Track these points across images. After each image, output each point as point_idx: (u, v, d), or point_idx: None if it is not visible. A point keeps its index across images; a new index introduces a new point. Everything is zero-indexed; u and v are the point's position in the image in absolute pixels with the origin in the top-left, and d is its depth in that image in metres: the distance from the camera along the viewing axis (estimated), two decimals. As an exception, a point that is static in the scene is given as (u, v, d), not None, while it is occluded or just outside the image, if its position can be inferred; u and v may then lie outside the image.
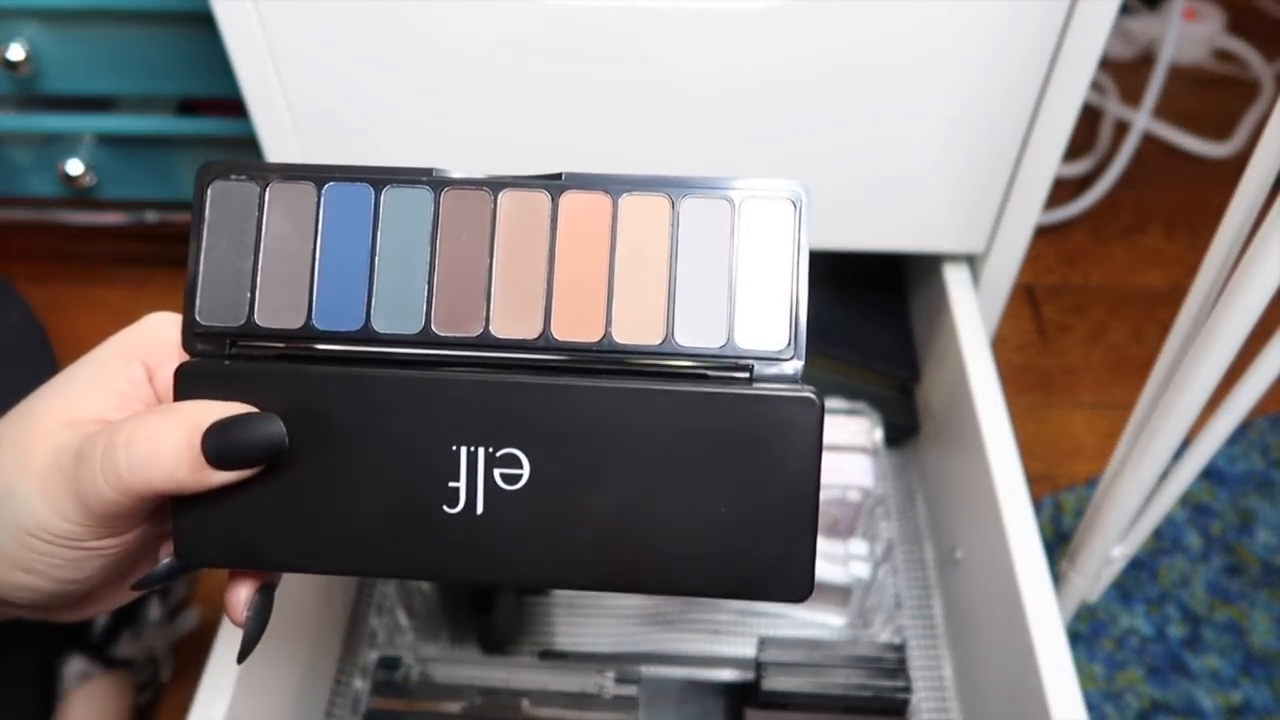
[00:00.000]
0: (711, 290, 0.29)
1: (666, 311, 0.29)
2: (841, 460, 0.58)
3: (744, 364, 0.29)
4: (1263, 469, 0.81)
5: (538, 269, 0.29)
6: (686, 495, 0.28)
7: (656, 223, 0.29)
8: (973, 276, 0.63)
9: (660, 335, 0.29)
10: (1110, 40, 0.50)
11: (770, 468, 0.28)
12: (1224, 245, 0.43)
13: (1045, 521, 0.78)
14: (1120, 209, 1.03)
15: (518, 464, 0.28)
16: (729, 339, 0.29)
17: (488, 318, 0.29)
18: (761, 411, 0.28)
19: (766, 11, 0.49)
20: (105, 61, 0.74)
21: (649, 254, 0.29)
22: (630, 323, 0.29)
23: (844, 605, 0.60)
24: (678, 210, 0.29)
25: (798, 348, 0.29)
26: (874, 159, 0.55)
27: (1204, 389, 0.45)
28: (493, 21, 0.50)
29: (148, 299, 0.96)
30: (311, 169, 0.29)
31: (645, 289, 0.29)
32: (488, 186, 0.29)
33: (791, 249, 0.29)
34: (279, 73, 0.53)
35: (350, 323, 0.29)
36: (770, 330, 0.29)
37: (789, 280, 0.29)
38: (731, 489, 0.28)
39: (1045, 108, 0.52)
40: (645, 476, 0.28)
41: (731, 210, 0.29)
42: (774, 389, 0.28)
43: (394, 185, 0.29)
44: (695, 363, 0.29)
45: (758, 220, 0.29)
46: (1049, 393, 0.88)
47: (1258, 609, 0.73)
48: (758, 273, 0.29)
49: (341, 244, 0.29)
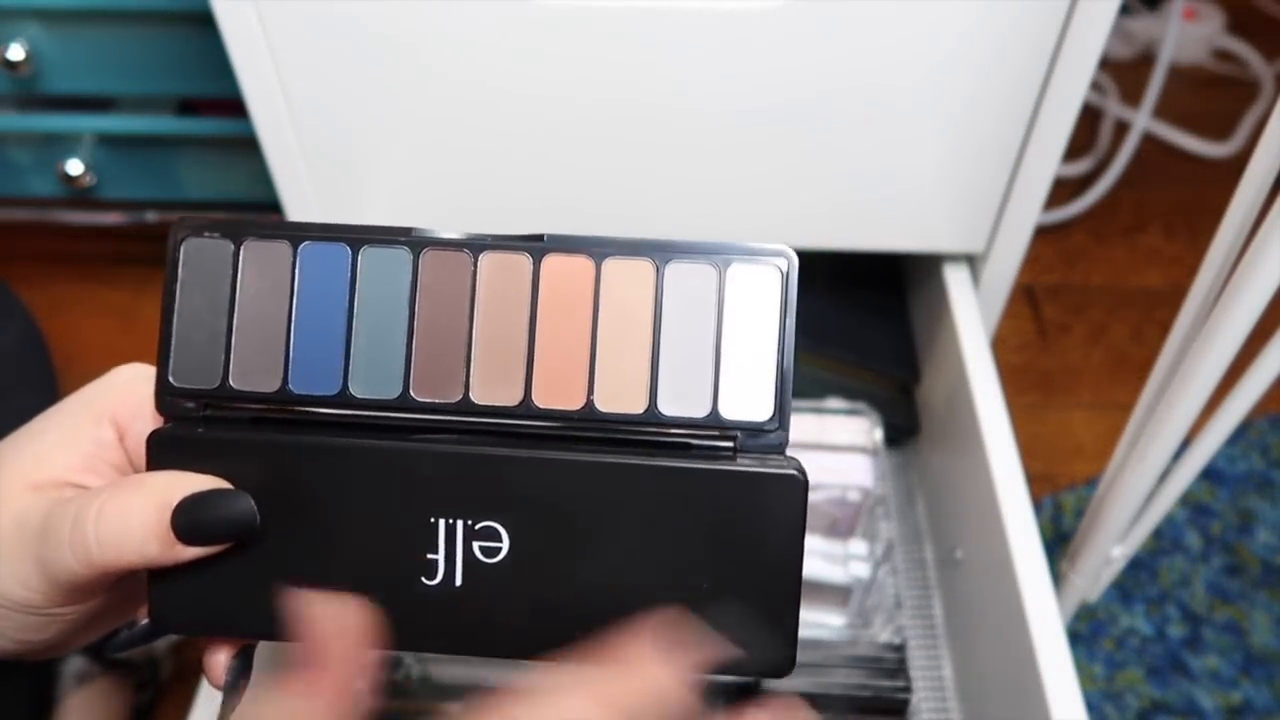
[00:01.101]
0: (696, 358, 0.28)
1: (650, 380, 0.28)
2: (841, 460, 0.58)
3: (728, 435, 0.28)
4: (1263, 469, 0.81)
5: (519, 334, 0.28)
6: (668, 570, 0.28)
7: (640, 288, 0.28)
8: (973, 276, 0.63)
9: (643, 404, 0.28)
10: (1110, 40, 0.50)
11: (753, 544, 0.28)
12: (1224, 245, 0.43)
13: (1045, 521, 0.78)
14: (1120, 209, 1.03)
15: (497, 537, 0.28)
16: (713, 409, 0.28)
17: (467, 383, 0.28)
18: (745, 487, 0.27)
19: (766, 12, 0.49)
20: (105, 61, 0.74)
21: (632, 320, 0.28)
22: (613, 391, 0.28)
23: (844, 605, 0.60)
24: (662, 275, 0.28)
25: (783, 419, 0.28)
26: (874, 159, 0.55)
27: (1204, 389, 0.45)
28: (492, 22, 0.50)
29: (148, 299, 0.96)
30: (287, 227, 0.29)
31: (628, 356, 0.28)
32: (468, 248, 0.28)
33: (778, 317, 0.28)
34: (279, 73, 0.53)
35: (327, 386, 0.28)
36: (755, 400, 0.28)
37: (775, 349, 0.28)
38: (714, 564, 0.28)
39: (1045, 108, 0.52)
40: (626, 550, 0.28)
41: (718, 276, 0.28)
42: (758, 464, 0.28)
43: (372, 245, 0.28)
44: (678, 433, 0.28)
45: (744, 287, 0.28)
46: (1049, 393, 0.88)
47: (1258, 609, 0.73)
48: (743, 341, 0.28)
49: (318, 305, 0.28)
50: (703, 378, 0.28)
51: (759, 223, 0.59)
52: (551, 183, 0.58)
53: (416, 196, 0.59)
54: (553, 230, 0.29)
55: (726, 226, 0.59)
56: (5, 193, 0.86)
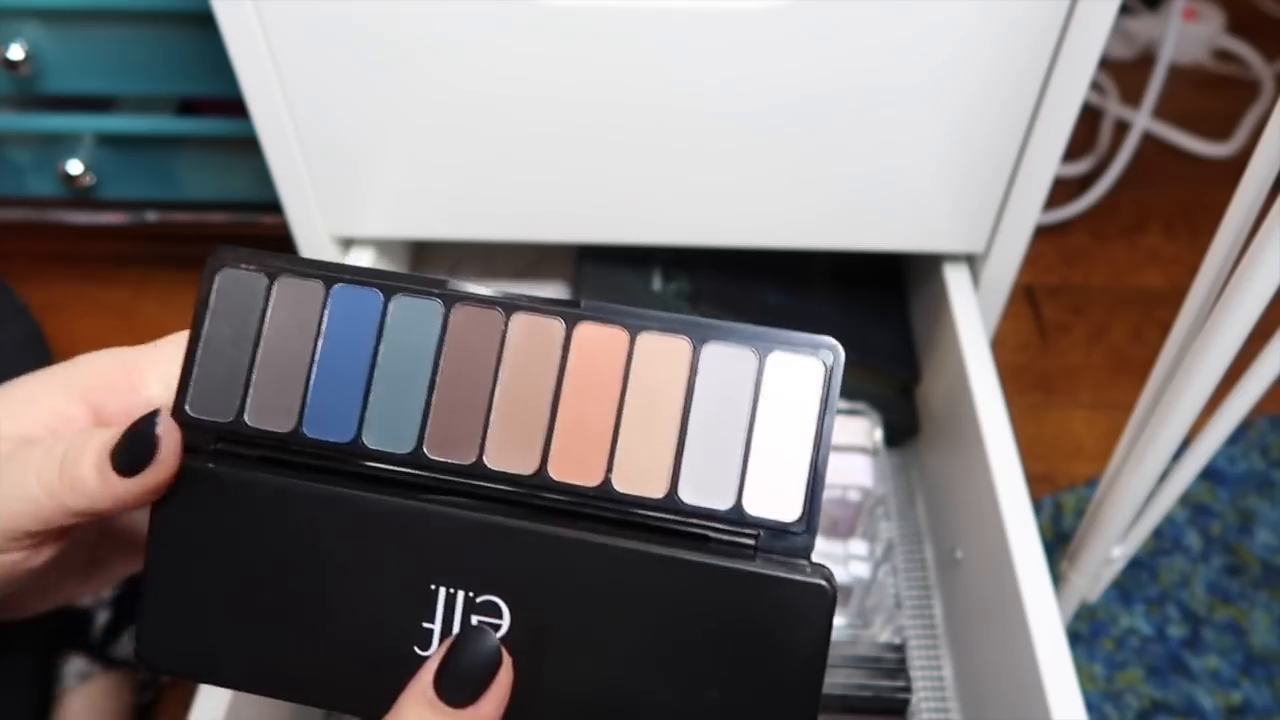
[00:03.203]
0: (725, 447, 0.26)
1: (673, 464, 0.27)
2: (841, 460, 0.58)
3: (749, 533, 0.26)
4: (1263, 469, 0.81)
5: (542, 401, 0.27)
6: (675, 672, 0.26)
7: (674, 366, 0.27)
8: (973, 276, 0.63)
9: (663, 489, 0.27)
10: (1110, 40, 0.50)
11: (769, 654, 0.26)
12: (1224, 245, 0.43)
13: (1045, 521, 0.78)
14: (1120, 209, 1.03)
15: (498, 613, 0.27)
16: (737, 503, 0.26)
17: (483, 446, 0.27)
18: (763, 591, 0.26)
19: (766, 13, 0.49)
20: (105, 61, 0.74)
21: (662, 399, 0.27)
22: (633, 471, 0.27)
23: (844, 605, 0.60)
24: (698, 356, 0.27)
25: (811, 522, 0.26)
26: (874, 159, 0.55)
27: (1204, 389, 0.45)
28: (493, 22, 0.50)
29: (147, 299, 0.96)
30: (323, 266, 0.28)
31: (653, 436, 0.27)
32: (501, 306, 0.27)
33: (816, 413, 0.26)
34: (279, 73, 0.53)
35: (341, 433, 0.28)
36: (783, 499, 0.26)
37: (810, 447, 0.26)
38: (725, 672, 0.26)
39: (1045, 108, 0.52)
40: (632, 644, 0.26)
41: (757, 362, 0.27)
42: (782, 570, 0.26)
43: (405, 293, 0.28)
44: (697, 523, 0.27)
45: (783, 377, 0.27)
46: (1049, 393, 0.88)
47: (1258, 609, 0.73)
48: (777, 434, 0.26)
49: (342, 349, 0.28)
50: (730, 469, 0.26)
51: (759, 223, 0.59)
52: (551, 183, 0.58)
53: (417, 196, 0.59)
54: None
55: (727, 227, 0.59)
56: (5, 193, 0.86)
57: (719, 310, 0.64)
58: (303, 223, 0.61)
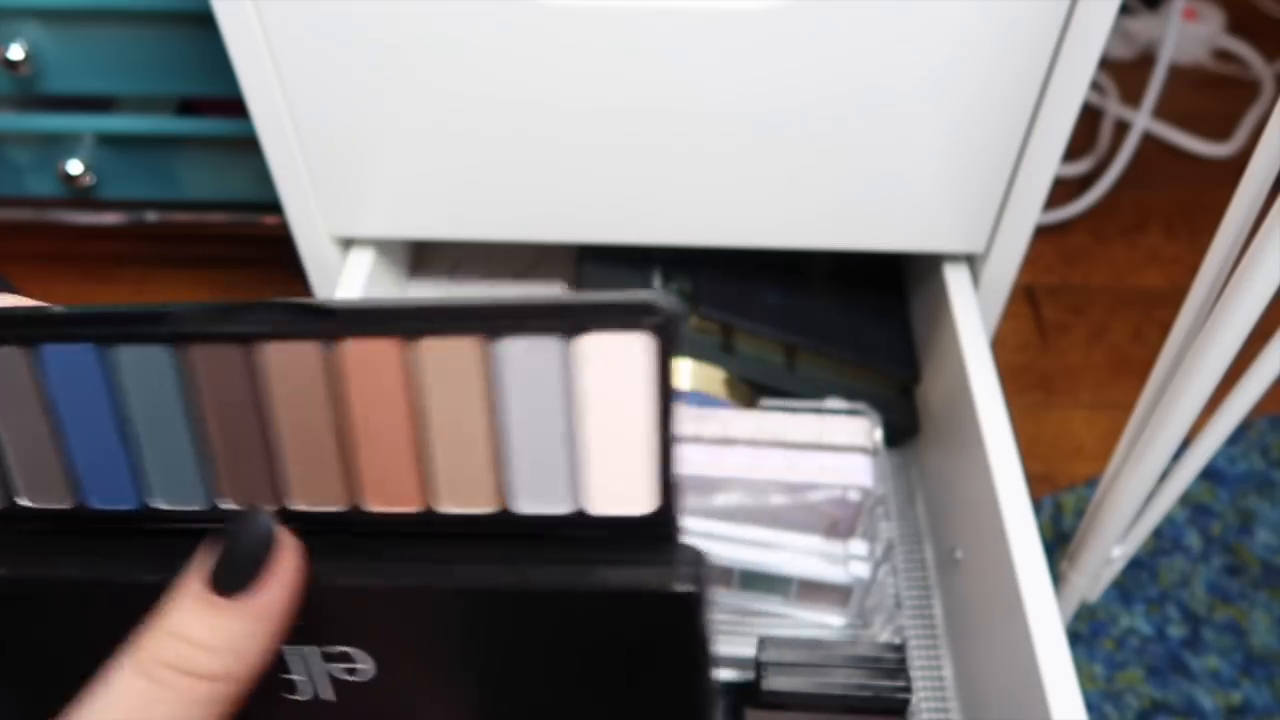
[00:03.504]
0: (550, 447, 0.23)
1: (496, 477, 0.23)
2: (841, 460, 0.58)
3: (598, 535, 0.23)
4: (1263, 469, 0.81)
5: (325, 432, 0.23)
6: (552, 698, 0.24)
7: (467, 371, 0.22)
8: (973, 276, 0.63)
9: (494, 504, 0.23)
10: (1110, 40, 0.50)
11: (646, 668, 0.23)
12: (1224, 245, 0.43)
13: (1045, 521, 0.78)
14: (1120, 209, 1.03)
15: (355, 659, 0.24)
16: (578, 506, 0.23)
17: (284, 490, 0.24)
18: (619, 603, 0.22)
19: (765, 13, 0.49)
20: (105, 61, 0.74)
21: (463, 408, 0.23)
22: (457, 491, 0.23)
23: (844, 605, 0.60)
24: (493, 354, 0.22)
25: (669, 508, 0.23)
26: (874, 159, 0.55)
27: (1204, 389, 0.45)
28: (493, 23, 0.50)
29: (148, 299, 0.96)
30: (19, 323, 0.23)
31: (467, 450, 0.23)
32: (237, 339, 0.22)
33: (650, 387, 0.22)
34: (279, 73, 0.53)
35: (125, 501, 0.24)
36: (632, 492, 0.23)
37: (652, 428, 0.22)
38: (607, 692, 0.23)
39: (1045, 108, 0.52)
40: (500, 675, 0.24)
41: (565, 350, 0.22)
42: (635, 572, 0.22)
43: (123, 342, 0.23)
44: (542, 535, 0.23)
45: (602, 359, 0.22)
46: (1049, 393, 0.88)
47: (1258, 609, 0.73)
48: (608, 422, 0.22)
49: (81, 414, 0.23)
50: (562, 470, 0.23)
51: (759, 223, 0.59)
52: (551, 183, 0.58)
53: (417, 196, 0.59)
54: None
55: (727, 227, 0.59)
56: (5, 193, 0.86)
57: (719, 310, 0.64)
58: (303, 223, 0.61)
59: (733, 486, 0.59)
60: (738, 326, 0.65)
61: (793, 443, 0.59)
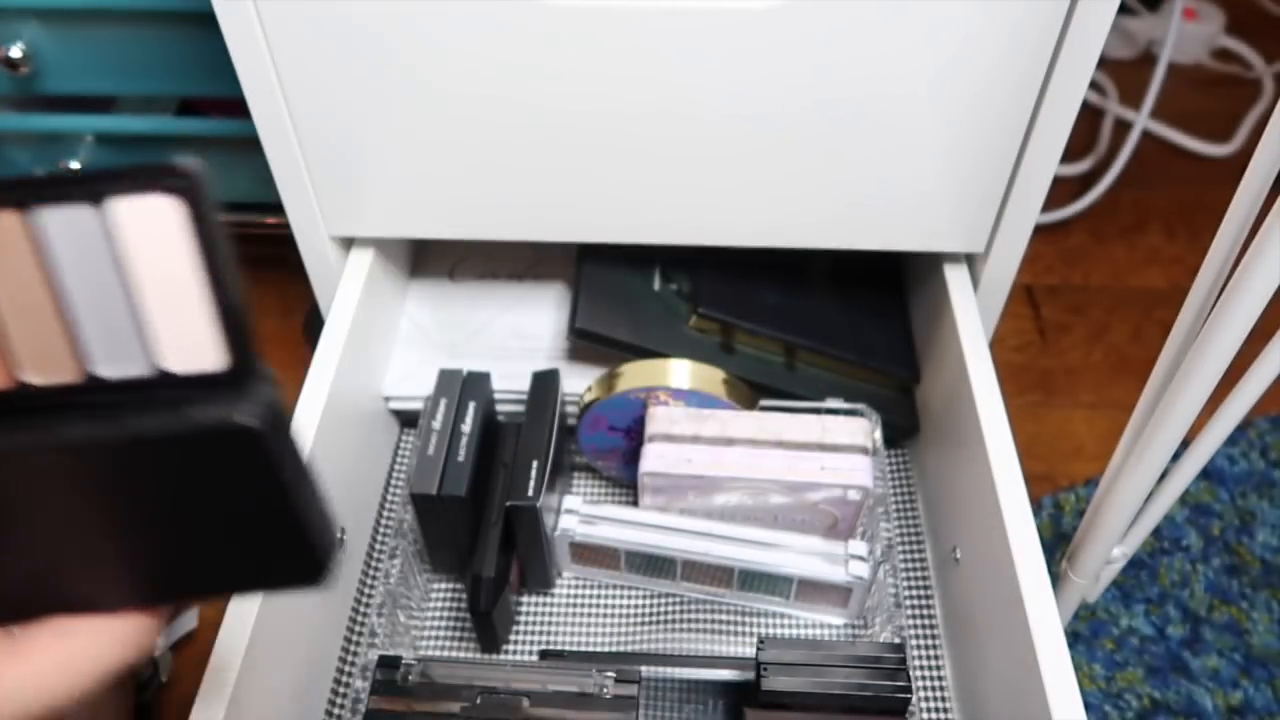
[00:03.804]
0: (115, 311, 0.24)
1: (70, 345, 0.25)
2: (841, 460, 0.58)
3: (187, 395, 0.25)
4: (1263, 469, 0.81)
5: None
6: (177, 539, 0.27)
7: (14, 244, 0.24)
8: (972, 276, 0.63)
9: (78, 373, 0.25)
10: (1110, 40, 0.50)
11: (248, 502, 0.26)
12: (1224, 245, 0.44)
13: (1045, 521, 0.78)
14: (1120, 209, 1.03)
15: None
16: (155, 366, 0.25)
17: None
18: (199, 442, 0.25)
19: (765, 14, 0.49)
20: (105, 61, 0.74)
21: (22, 281, 0.24)
22: (41, 363, 0.25)
23: (844, 605, 0.60)
24: (34, 226, 0.24)
25: (244, 363, 0.25)
26: (874, 159, 0.55)
27: (1204, 389, 0.45)
28: (493, 23, 0.50)
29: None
30: None
31: (39, 321, 0.24)
32: None
33: (191, 246, 0.24)
34: (279, 73, 0.53)
35: None
36: (202, 348, 0.25)
37: (204, 285, 0.24)
38: (231, 530, 0.27)
39: (1045, 108, 0.52)
40: (128, 524, 0.27)
41: (100, 217, 0.23)
42: (205, 411, 0.25)
43: None
44: (131, 397, 0.25)
45: (140, 223, 0.23)
46: (1049, 393, 0.88)
47: (1258, 609, 0.73)
48: (165, 283, 0.24)
49: None
50: (129, 333, 0.25)
51: (759, 223, 0.59)
52: (551, 183, 0.58)
53: (417, 196, 0.59)
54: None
55: (727, 227, 0.59)
56: (5, 193, 0.86)
57: (719, 310, 0.64)
58: (303, 222, 0.61)
59: (733, 486, 0.59)
60: (738, 326, 0.65)
61: (793, 443, 0.59)
